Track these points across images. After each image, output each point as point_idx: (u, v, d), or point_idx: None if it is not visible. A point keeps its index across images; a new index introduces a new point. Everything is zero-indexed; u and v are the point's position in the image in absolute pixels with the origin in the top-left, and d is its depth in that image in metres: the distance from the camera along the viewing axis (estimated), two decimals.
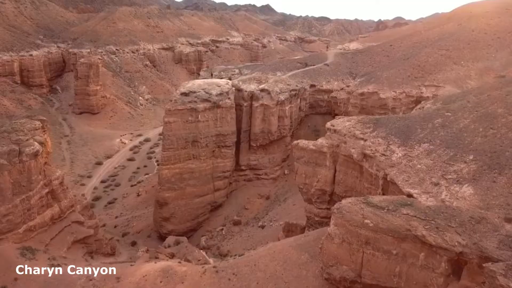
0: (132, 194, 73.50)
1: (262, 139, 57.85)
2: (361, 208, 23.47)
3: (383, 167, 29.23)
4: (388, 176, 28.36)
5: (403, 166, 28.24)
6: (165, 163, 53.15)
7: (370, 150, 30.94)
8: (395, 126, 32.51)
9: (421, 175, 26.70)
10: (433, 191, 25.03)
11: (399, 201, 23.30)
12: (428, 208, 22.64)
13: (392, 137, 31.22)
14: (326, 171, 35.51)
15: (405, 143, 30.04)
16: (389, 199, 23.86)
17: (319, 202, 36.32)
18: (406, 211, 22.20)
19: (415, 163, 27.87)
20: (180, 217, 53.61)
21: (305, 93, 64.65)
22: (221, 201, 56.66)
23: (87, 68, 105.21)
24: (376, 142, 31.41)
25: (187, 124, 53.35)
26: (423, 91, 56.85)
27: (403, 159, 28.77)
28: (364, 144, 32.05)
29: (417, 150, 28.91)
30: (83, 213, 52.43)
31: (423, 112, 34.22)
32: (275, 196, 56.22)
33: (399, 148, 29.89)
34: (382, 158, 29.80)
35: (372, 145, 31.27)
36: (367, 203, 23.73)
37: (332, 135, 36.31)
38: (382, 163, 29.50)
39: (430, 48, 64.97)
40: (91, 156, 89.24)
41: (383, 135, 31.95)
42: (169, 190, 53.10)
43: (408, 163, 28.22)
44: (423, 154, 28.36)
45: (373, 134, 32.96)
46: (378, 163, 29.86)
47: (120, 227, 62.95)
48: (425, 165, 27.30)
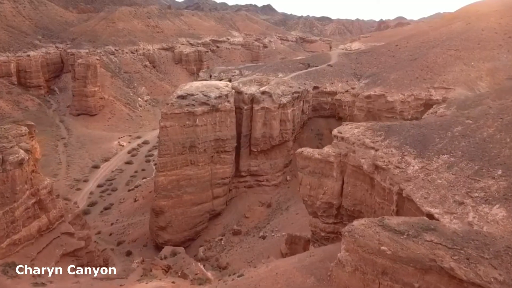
0: (129, 200, 70.77)
1: (263, 144, 54.58)
2: (377, 232, 20.31)
3: (398, 181, 26.02)
4: (404, 191, 25.15)
5: (421, 180, 25.02)
6: (161, 169, 50.05)
7: (383, 162, 27.72)
8: (410, 134, 29.28)
9: (442, 191, 23.47)
10: (457, 211, 21.81)
11: (421, 225, 20.10)
12: (455, 234, 19.43)
13: (406, 147, 27.99)
14: (333, 182, 32.31)
15: (422, 154, 26.80)
16: (408, 222, 20.65)
17: (325, 216, 33.11)
18: (430, 237, 19.02)
19: (435, 178, 24.65)
20: (177, 226, 50.52)
21: (308, 95, 61.32)
22: (220, 209, 53.50)
23: (85, 69, 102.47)
24: (389, 152, 28.19)
25: (185, 128, 50.26)
26: (432, 93, 53.56)
27: (421, 173, 25.54)
28: (375, 154, 28.84)
29: (436, 162, 25.68)
30: (75, 222, 49.50)
31: (440, 119, 30.94)
32: (277, 204, 52.98)
33: (415, 160, 26.65)
34: (396, 171, 26.57)
35: (384, 155, 28.04)
36: (383, 226, 20.56)
37: (339, 143, 33.08)
38: (396, 177, 26.28)
39: (439, 48, 61.62)
40: (88, 159, 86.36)
41: (397, 144, 28.72)
42: (165, 198, 49.99)
43: (427, 178, 24.99)
44: (443, 167, 25.13)
45: (385, 143, 29.75)
46: (391, 176, 26.64)
47: (116, 235, 60.19)
48: (446, 180, 24.07)
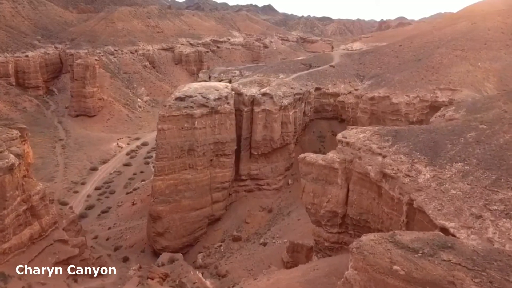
0: (127, 203, 68.98)
1: (264, 147, 52.71)
2: (388, 250, 18.41)
3: (408, 190, 24.17)
4: (415, 202, 23.30)
5: (433, 190, 23.17)
6: (159, 173, 48.21)
7: (391, 169, 25.86)
8: (419, 140, 27.42)
9: (457, 203, 21.64)
10: (475, 225, 19.98)
11: (437, 242, 18.21)
12: (475, 252, 17.57)
13: (416, 153, 26.13)
14: (337, 190, 30.47)
15: (434, 161, 24.95)
16: (423, 238, 18.77)
17: (329, 226, 31.26)
18: (447, 257, 17.13)
19: (448, 188, 22.80)
20: (175, 232, 48.69)
21: (310, 96, 59.39)
22: (219, 214, 51.64)
23: (84, 70, 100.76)
24: (397, 159, 26.33)
25: (183, 131, 48.41)
26: (438, 95, 51.60)
27: (433, 182, 23.69)
28: (383, 161, 26.99)
29: (449, 171, 23.83)
30: (70, 228, 47.71)
31: (451, 123, 29.07)
32: (278, 209, 51.10)
33: (426, 168, 24.79)
34: (406, 179, 24.72)
35: (393, 163, 26.18)
36: (395, 243, 18.66)
37: (344, 149, 31.23)
38: (406, 186, 24.43)
39: (444, 49, 59.65)
40: (86, 161, 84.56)
41: (406, 151, 26.86)
42: (163, 203, 48.15)
43: (439, 187, 23.13)
44: (457, 176, 23.29)
45: (392, 149, 27.89)
46: (401, 186, 24.78)
47: (113, 239, 58.41)
48: (461, 191, 22.22)
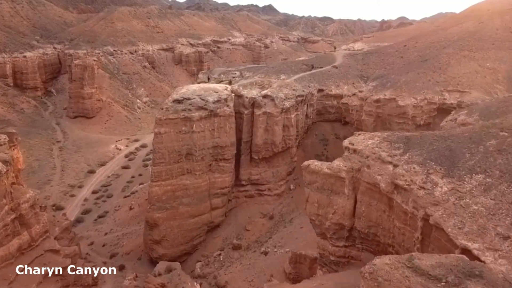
0: (124, 207, 66.79)
1: (265, 151, 50.41)
2: (406, 277, 16.22)
3: (423, 204, 21.90)
4: (431, 218, 21.03)
5: (452, 205, 20.90)
6: (156, 179, 45.98)
7: (404, 181, 23.57)
8: (434, 148, 25.13)
9: (480, 221, 19.38)
10: (502, 247, 17.72)
11: (462, 269, 15.93)
12: (507, 282, 15.37)
13: (431, 163, 23.83)
14: (344, 200, 28.21)
15: (451, 172, 22.66)
16: (446, 264, 16.46)
17: (335, 239, 29.00)
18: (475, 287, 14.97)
19: (469, 203, 20.52)
20: (172, 240, 46.45)
21: (313, 98, 57.03)
22: (219, 221, 49.37)
23: (82, 70, 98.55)
24: (411, 169, 24.03)
25: (181, 135, 46.17)
26: (446, 97, 49.31)
27: (451, 196, 21.42)
28: (394, 171, 24.69)
29: (469, 183, 21.55)
30: (63, 236, 45.55)
31: (468, 130, 26.74)
32: (280, 216, 48.83)
33: (443, 180, 22.50)
34: (421, 192, 22.43)
35: (406, 173, 23.89)
36: (414, 269, 16.45)
37: (351, 156, 28.95)
38: (421, 199, 22.15)
39: (451, 49, 57.29)
40: (84, 163, 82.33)
41: (419, 160, 24.55)
42: (160, 209, 45.93)
43: (459, 202, 20.87)
44: (478, 189, 21.02)
45: (404, 157, 25.60)
46: (415, 199, 22.50)
47: (109, 246, 56.26)
48: (483, 207, 19.96)
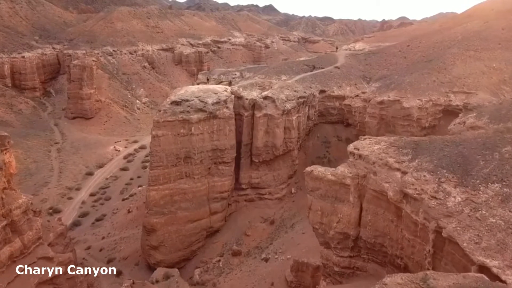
0: (122, 210, 65.32)
1: (266, 154, 48.83)
2: None
3: (435, 216, 20.33)
4: (444, 231, 19.47)
5: (467, 217, 19.34)
6: (153, 183, 44.45)
7: (414, 189, 22.00)
8: (444, 154, 23.54)
9: (498, 235, 17.81)
10: None
11: None
12: None
13: (443, 171, 22.25)
14: (349, 209, 26.64)
15: (465, 181, 21.09)
16: (464, 285, 14.84)
17: (339, 249, 27.44)
18: None
19: (486, 215, 18.97)
20: (170, 245, 44.94)
21: (314, 100, 55.44)
22: (218, 226, 47.85)
23: (81, 71, 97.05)
24: (421, 177, 22.45)
25: (179, 137, 44.65)
26: (451, 98, 47.68)
27: (465, 207, 19.86)
28: (403, 179, 23.11)
29: (485, 193, 19.99)
30: (57, 242, 43.89)
31: (481, 135, 25.17)
32: (281, 221, 47.26)
33: (456, 189, 20.94)
34: (432, 202, 20.86)
35: (415, 181, 22.31)
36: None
37: (356, 162, 27.37)
38: (433, 210, 20.59)
39: (456, 49, 55.63)
40: (82, 165, 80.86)
41: (430, 167, 22.97)
42: (157, 214, 44.42)
43: (474, 214, 19.31)
44: (495, 200, 19.46)
45: (413, 164, 24.02)
46: (426, 209, 20.94)
47: (106, 250, 54.79)
48: (502, 219, 18.39)
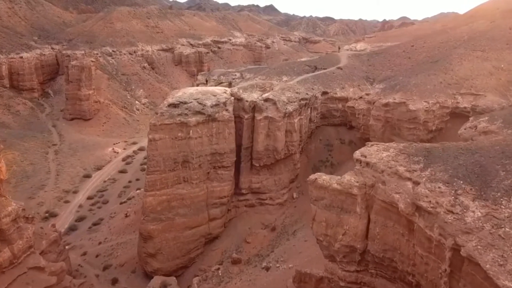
0: (120, 214, 63.54)
1: (267, 158, 47.00)
2: None
3: (453, 232, 18.51)
4: (463, 249, 17.65)
5: (488, 235, 17.52)
6: (150, 188, 42.64)
7: (428, 202, 20.18)
8: (460, 163, 21.71)
9: None
10: None
11: None
12: None
13: (459, 181, 20.42)
14: (356, 220, 24.82)
15: (484, 194, 19.27)
16: None
17: (345, 262, 25.62)
18: None
19: (510, 232, 17.13)
20: (168, 253, 43.13)
21: (316, 101, 53.53)
22: (217, 233, 46.01)
23: (79, 71, 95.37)
24: (435, 188, 20.62)
25: (176, 141, 42.81)
26: (459, 100, 45.84)
27: (486, 223, 18.04)
28: (416, 190, 21.28)
29: (507, 208, 18.15)
30: (50, 250, 42.11)
31: (498, 142, 23.31)
32: (282, 227, 45.43)
33: (474, 202, 19.11)
34: (449, 217, 19.04)
35: (429, 193, 20.48)
36: None
37: (363, 170, 25.55)
38: (450, 226, 18.76)
39: (462, 49, 53.77)
40: (80, 167, 79.07)
41: (444, 177, 21.14)
42: (154, 221, 42.60)
43: (496, 231, 17.48)
44: None
45: (426, 173, 22.19)
46: (442, 225, 19.11)
47: (103, 256, 53.02)
48: None
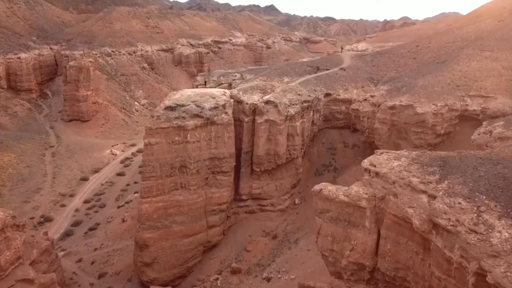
0: (117, 219, 61.48)
1: (268, 162, 44.84)
2: None
3: (477, 255, 16.37)
4: (490, 275, 15.49)
5: None
6: (146, 195, 40.54)
7: (447, 220, 18.04)
8: (480, 175, 19.57)
9: None
10: None
11: None
12: None
13: (481, 196, 18.28)
14: (364, 235, 22.70)
15: (511, 211, 17.17)
16: None
17: (353, 280, 23.49)
18: None
19: None
20: (164, 262, 41.03)
21: (319, 103, 51.34)
22: (216, 241, 43.89)
23: (77, 72, 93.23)
24: (455, 204, 18.48)
25: (173, 145, 40.70)
26: (468, 103, 43.58)
27: None
28: (432, 205, 19.13)
29: None
30: (42, 259, 39.97)
31: None
32: (284, 235, 43.27)
33: (500, 221, 16.97)
34: (472, 237, 16.90)
35: (449, 210, 18.34)
36: None
37: (372, 181, 23.41)
38: (473, 248, 16.62)
39: (470, 49, 51.49)
40: (77, 170, 76.93)
41: (464, 191, 18.99)
42: (150, 229, 40.50)
43: None
44: None
45: (442, 186, 20.07)
46: (464, 246, 16.98)
47: (98, 263, 50.92)
48: None
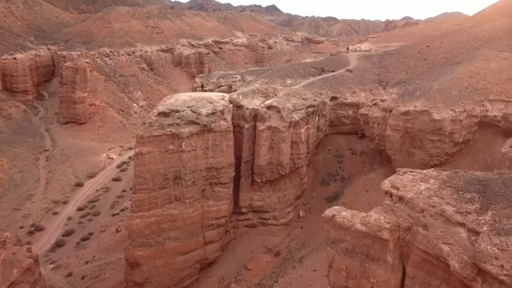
0: (111, 228, 57.50)
1: (270, 172, 40.81)
2: None
3: None
4: None
5: None
6: (137, 209, 36.51)
7: (500, 267, 14.10)
8: None
9: None
10: None
11: None
12: None
13: None
14: (386, 272, 18.76)
15: None
16: None
17: None
18: None
19: None
20: (157, 282, 37.08)
21: (325, 108, 47.28)
22: (214, 258, 39.88)
23: (73, 73, 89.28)
24: (507, 246, 14.55)
25: (167, 155, 36.67)
26: (488, 108, 39.54)
27: None
28: (478, 246, 15.19)
29: None
30: (23, 279, 35.80)
31: None
32: (288, 252, 39.27)
33: None
34: None
35: (500, 254, 14.38)
36: None
37: (395, 207, 19.46)
38: None
39: (487, 50, 47.41)
40: (71, 175, 73.02)
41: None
42: (141, 246, 36.52)
43: None
44: None
45: (486, 218, 16.12)
46: None
47: (89, 278, 46.95)
48: None
